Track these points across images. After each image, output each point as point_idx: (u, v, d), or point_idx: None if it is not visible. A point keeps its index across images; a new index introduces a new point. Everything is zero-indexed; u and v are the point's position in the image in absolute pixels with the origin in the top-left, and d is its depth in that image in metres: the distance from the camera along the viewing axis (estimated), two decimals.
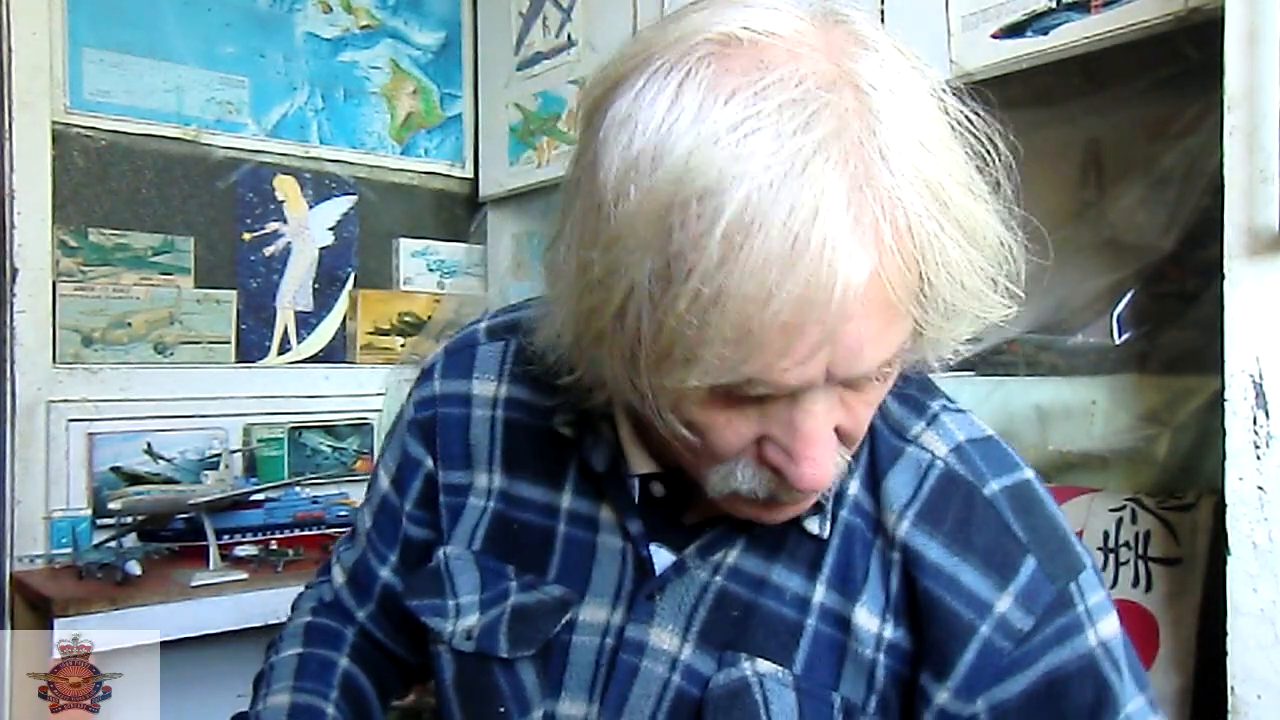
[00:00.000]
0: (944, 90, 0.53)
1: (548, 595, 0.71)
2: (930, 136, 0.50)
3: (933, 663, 0.62)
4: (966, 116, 0.54)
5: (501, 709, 0.72)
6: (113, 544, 1.89)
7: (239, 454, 2.22)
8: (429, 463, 0.80)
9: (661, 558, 0.69)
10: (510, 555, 0.74)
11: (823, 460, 0.54)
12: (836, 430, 0.56)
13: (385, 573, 0.86)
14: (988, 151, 0.54)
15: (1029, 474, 0.66)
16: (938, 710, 0.61)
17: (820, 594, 0.65)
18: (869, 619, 0.63)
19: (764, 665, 0.64)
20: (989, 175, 0.54)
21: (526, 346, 0.68)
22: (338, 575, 0.91)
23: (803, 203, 0.46)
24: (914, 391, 0.68)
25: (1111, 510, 1.28)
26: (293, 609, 0.93)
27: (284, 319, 2.36)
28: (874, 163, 0.48)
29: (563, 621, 0.70)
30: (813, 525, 0.65)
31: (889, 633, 0.63)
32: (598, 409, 0.67)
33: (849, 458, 0.60)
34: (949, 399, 0.70)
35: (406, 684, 0.92)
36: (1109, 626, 0.63)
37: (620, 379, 0.55)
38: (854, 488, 0.66)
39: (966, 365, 1.39)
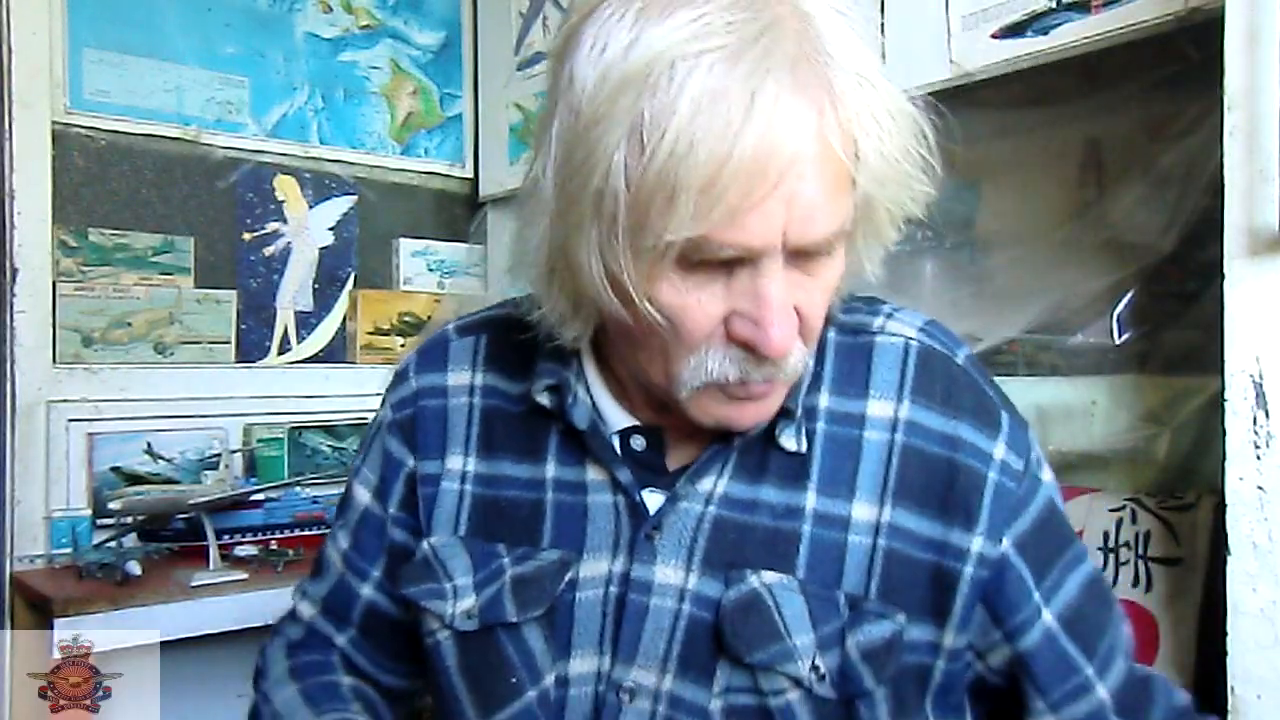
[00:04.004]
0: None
1: (545, 561, 0.73)
2: (850, 36, 0.59)
3: (960, 519, 0.69)
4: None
5: (513, 679, 0.72)
6: (113, 544, 1.89)
7: (239, 454, 2.22)
8: (410, 462, 0.81)
9: (653, 501, 0.72)
10: (498, 535, 0.76)
11: (787, 327, 0.60)
12: (796, 311, 0.62)
13: (367, 590, 0.85)
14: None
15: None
16: (976, 557, 0.69)
17: (812, 501, 0.70)
18: (866, 509, 0.70)
19: (769, 575, 0.69)
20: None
21: (514, 312, 0.76)
22: (306, 610, 0.89)
23: (757, 68, 0.55)
24: (861, 303, 0.76)
25: (1111, 510, 1.28)
26: (260, 673, 0.87)
27: (284, 319, 2.36)
28: (810, 48, 0.57)
29: (565, 580, 0.72)
30: (789, 442, 0.70)
31: (888, 515, 0.69)
32: (571, 365, 0.73)
33: (808, 353, 0.66)
34: (893, 304, 0.78)
35: (393, 709, 0.89)
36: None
37: (597, 277, 0.61)
38: (824, 401, 0.72)
39: None
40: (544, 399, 0.74)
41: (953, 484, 0.69)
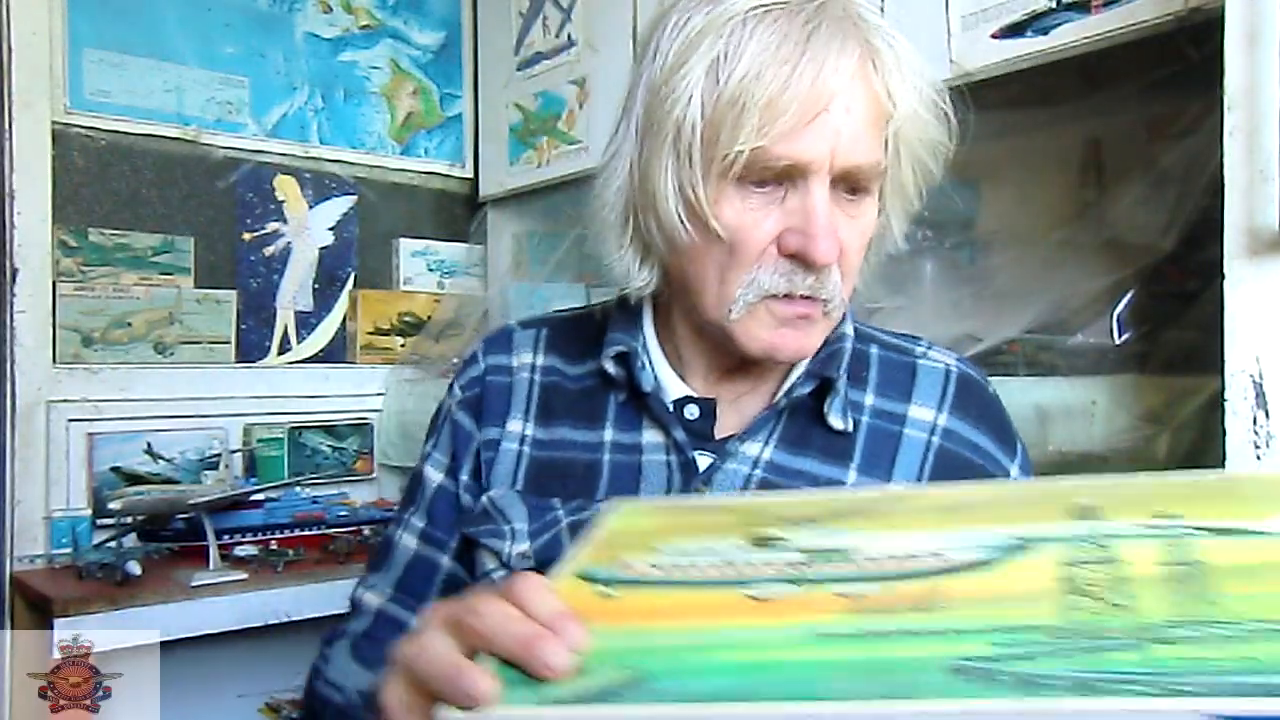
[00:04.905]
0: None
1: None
2: (877, 14, 0.74)
3: None
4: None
5: None
6: (113, 544, 1.89)
7: (239, 454, 2.22)
8: (478, 434, 0.87)
9: (703, 463, 0.80)
10: (553, 491, 0.82)
11: (831, 239, 0.71)
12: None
13: (447, 561, 0.87)
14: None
15: None
16: None
17: (852, 477, 0.79)
18: None
19: None
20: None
21: (571, 313, 0.91)
22: (373, 599, 0.88)
23: (812, 18, 0.69)
24: (902, 337, 0.88)
25: None
26: (317, 672, 0.86)
27: (284, 319, 2.36)
28: (853, 14, 0.72)
29: None
30: (836, 420, 0.79)
31: None
32: (638, 339, 0.82)
33: (845, 292, 0.75)
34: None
35: None
36: None
37: (672, 200, 0.72)
38: (870, 399, 0.82)
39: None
40: (610, 366, 0.82)
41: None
